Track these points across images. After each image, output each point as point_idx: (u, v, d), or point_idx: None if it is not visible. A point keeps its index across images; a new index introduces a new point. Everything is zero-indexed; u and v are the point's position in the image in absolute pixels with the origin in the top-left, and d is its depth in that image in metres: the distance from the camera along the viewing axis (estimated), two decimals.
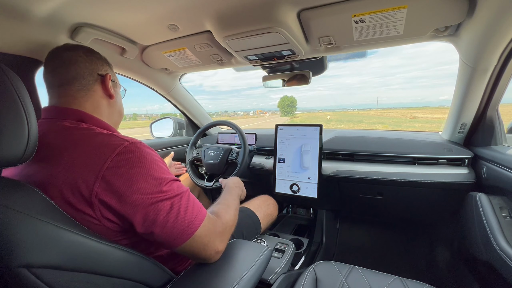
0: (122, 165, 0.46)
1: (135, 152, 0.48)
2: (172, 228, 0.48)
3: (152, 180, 0.48)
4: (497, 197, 0.86)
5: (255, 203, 1.13)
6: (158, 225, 0.47)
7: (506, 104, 1.21)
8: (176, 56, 1.08)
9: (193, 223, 0.50)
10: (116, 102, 0.66)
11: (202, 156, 1.31)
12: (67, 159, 0.47)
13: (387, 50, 42.56)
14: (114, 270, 0.46)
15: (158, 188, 0.48)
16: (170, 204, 0.48)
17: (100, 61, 0.63)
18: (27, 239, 0.37)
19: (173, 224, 0.48)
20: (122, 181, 0.45)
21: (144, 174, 0.47)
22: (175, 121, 1.76)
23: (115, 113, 0.67)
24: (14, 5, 0.62)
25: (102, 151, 0.47)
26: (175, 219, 0.48)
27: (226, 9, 0.73)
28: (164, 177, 0.50)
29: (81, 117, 0.56)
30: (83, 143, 0.48)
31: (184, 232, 0.49)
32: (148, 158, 0.49)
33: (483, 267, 0.84)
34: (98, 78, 0.61)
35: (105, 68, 0.64)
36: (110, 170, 0.45)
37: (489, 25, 0.66)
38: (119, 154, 0.47)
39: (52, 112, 0.56)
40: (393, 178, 1.06)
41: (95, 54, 0.63)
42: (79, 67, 0.57)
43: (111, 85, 0.63)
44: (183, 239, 0.49)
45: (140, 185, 0.46)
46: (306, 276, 0.76)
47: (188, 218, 0.50)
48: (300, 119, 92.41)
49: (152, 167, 0.49)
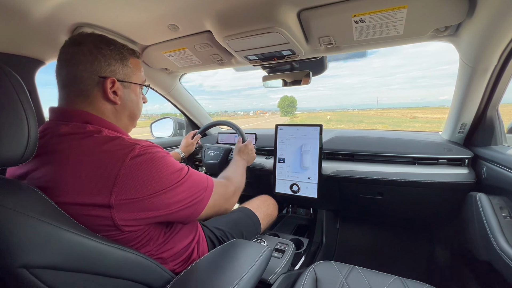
0: (137, 168, 0.48)
1: (146, 154, 0.50)
2: (188, 206, 0.56)
3: (165, 177, 0.52)
4: (497, 197, 0.86)
5: (255, 203, 1.13)
6: (175, 208, 0.53)
7: (506, 104, 1.21)
8: (176, 56, 1.08)
9: (205, 194, 0.59)
10: (124, 106, 0.59)
11: (202, 156, 1.31)
12: (76, 164, 0.46)
13: (387, 50, 42.68)
14: (114, 270, 0.46)
15: (170, 180, 0.52)
16: (182, 189, 0.54)
17: (108, 59, 0.54)
18: (26, 239, 0.37)
19: (188, 203, 0.55)
20: (138, 182, 0.47)
21: (157, 175, 0.50)
22: (175, 121, 1.76)
23: (124, 118, 0.61)
24: (14, 5, 0.62)
25: (115, 156, 0.47)
26: (189, 198, 0.56)
27: (226, 9, 0.73)
28: (174, 170, 0.54)
29: (87, 118, 0.53)
30: (92, 148, 0.48)
31: (200, 203, 0.58)
32: (159, 158, 0.52)
33: (483, 267, 0.84)
34: (99, 82, 0.54)
35: (112, 68, 0.55)
36: (126, 176, 0.46)
37: (489, 25, 0.66)
38: (132, 158, 0.48)
39: (57, 113, 0.54)
40: (393, 178, 1.06)
41: (103, 49, 0.54)
42: (78, 69, 0.52)
43: (118, 88, 0.56)
44: (200, 210, 0.58)
45: (154, 185, 0.50)
46: (306, 276, 0.76)
47: (199, 192, 0.58)
48: (300, 119, 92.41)
49: (163, 166, 0.52)
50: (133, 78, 0.60)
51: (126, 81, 0.58)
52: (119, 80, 0.57)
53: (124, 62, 0.58)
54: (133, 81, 0.60)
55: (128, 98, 0.60)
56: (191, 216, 0.58)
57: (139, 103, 0.64)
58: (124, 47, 0.59)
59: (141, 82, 0.64)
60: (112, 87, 0.55)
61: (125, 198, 0.46)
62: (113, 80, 0.55)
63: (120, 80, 0.57)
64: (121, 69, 0.57)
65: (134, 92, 0.61)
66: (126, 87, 0.59)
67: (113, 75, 0.55)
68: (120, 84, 0.57)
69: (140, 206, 0.48)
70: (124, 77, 0.58)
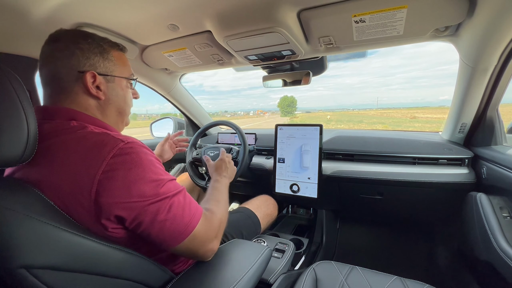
0: (118, 167, 0.44)
1: (131, 154, 0.46)
2: (170, 228, 0.48)
3: (149, 182, 0.47)
4: (497, 197, 0.86)
5: (255, 203, 1.13)
6: (155, 226, 0.46)
7: (506, 104, 1.21)
8: (176, 56, 1.08)
9: (191, 222, 0.50)
10: (108, 101, 0.56)
11: (202, 156, 1.31)
12: (61, 162, 0.45)
13: (387, 50, 42.79)
14: (114, 271, 0.46)
15: (155, 190, 0.47)
16: (168, 206, 0.48)
17: (86, 52, 0.52)
18: (26, 240, 0.37)
19: (171, 225, 0.48)
20: (119, 185, 0.44)
21: (141, 177, 0.46)
22: (175, 121, 1.76)
23: (111, 114, 0.58)
24: (14, 5, 0.62)
25: (97, 153, 0.44)
26: (173, 220, 0.48)
27: (226, 9, 0.73)
28: (160, 178, 0.48)
29: (71, 115, 0.51)
30: (76, 145, 0.46)
31: (182, 231, 0.49)
32: (144, 160, 0.47)
33: (483, 267, 0.84)
34: (79, 76, 0.52)
35: (91, 62, 0.53)
36: (106, 174, 0.43)
37: (489, 25, 0.66)
38: (115, 156, 0.45)
39: (41, 112, 0.52)
40: (393, 178, 1.06)
41: (80, 43, 0.52)
42: (57, 65, 0.51)
43: (101, 82, 0.54)
44: (181, 239, 0.49)
45: (137, 189, 0.45)
46: (306, 276, 0.76)
47: (186, 218, 0.50)
48: (300, 119, 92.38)
49: (149, 168, 0.47)
50: (117, 72, 0.57)
51: (109, 74, 0.56)
52: (100, 74, 0.54)
53: (105, 56, 0.55)
54: (117, 75, 0.57)
55: (113, 92, 0.57)
56: (173, 239, 0.49)
57: (127, 98, 0.61)
58: (103, 40, 0.56)
59: (127, 75, 0.60)
60: (94, 81, 0.53)
61: (105, 202, 0.43)
62: (93, 74, 0.53)
63: (101, 74, 0.54)
64: (101, 62, 0.54)
65: (120, 86, 0.59)
66: (109, 81, 0.56)
67: (93, 69, 0.53)
68: (103, 78, 0.55)
69: (118, 207, 0.44)
70: (106, 71, 0.55)
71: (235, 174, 0.96)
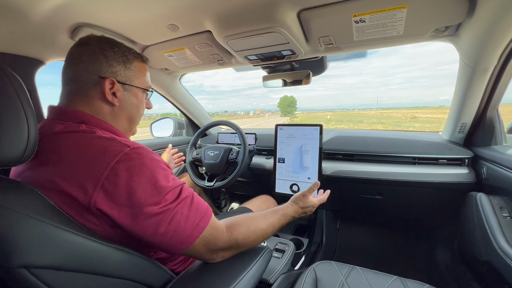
0: (122, 174, 0.44)
1: (136, 160, 0.46)
2: (172, 238, 0.47)
3: (154, 189, 0.45)
4: (497, 197, 0.86)
5: (255, 203, 1.13)
6: (158, 235, 0.46)
7: (506, 104, 1.21)
8: (176, 56, 1.08)
9: (194, 232, 0.48)
10: (122, 108, 0.58)
11: (202, 156, 1.31)
12: (67, 164, 0.45)
13: (388, 50, 42.75)
14: (114, 270, 0.46)
15: (159, 197, 0.46)
16: (170, 217, 0.46)
17: (110, 60, 0.54)
18: (27, 239, 0.36)
19: (172, 235, 0.46)
20: (122, 191, 0.43)
21: (145, 184, 0.45)
22: (175, 121, 1.76)
23: (123, 121, 0.59)
24: (14, 5, 0.62)
25: (102, 157, 0.44)
26: (174, 232, 0.47)
27: (226, 9, 0.73)
28: (166, 185, 0.47)
29: (82, 118, 0.52)
30: (82, 148, 0.46)
31: (184, 241, 0.48)
32: (150, 166, 0.46)
33: (483, 267, 0.84)
34: (98, 81, 0.53)
35: (113, 69, 0.55)
36: (110, 179, 0.43)
37: (489, 25, 0.66)
38: (119, 161, 0.44)
39: (54, 112, 0.54)
40: (393, 178, 1.06)
41: (106, 50, 0.54)
42: (79, 68, 0.53)
43: (118, 90, 0.55)
44: (182, 248, 0.48)
45: (140, 196, 0.44)
46: (306, 276, 0.76)
47: (189, 228, 0.48)
48: (300, 119, 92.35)
49: (154, 175, 0.46)
50: (136, 82, 0.59)
51: (127, 83, 0.57)
52: (120, 82, 0.56)
53: (127, 65, 0.57)
54: (135, 85, 0.59)
55: (128, 100, 0.58)
56: (175, 247, 0.48)
57: (140, 108, 0.62)
58: (129, 50, 0.58)
59: (144, 86, 0.62)
60: (112, 88, 0.55)
61: (106, 207, 0.43)
62: (112, 81, 0.54)
63: (120, 82, 0.56)
64: (123, 71, 0.56)
65: (135, 96, 0.60)
66: (126, 90, 0.58)
67: (113, 76, 0.55)
68: (121, 86, 0.56)
69: (120, 214, 0.44)
70: (125, 80, 0.57)
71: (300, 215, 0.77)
